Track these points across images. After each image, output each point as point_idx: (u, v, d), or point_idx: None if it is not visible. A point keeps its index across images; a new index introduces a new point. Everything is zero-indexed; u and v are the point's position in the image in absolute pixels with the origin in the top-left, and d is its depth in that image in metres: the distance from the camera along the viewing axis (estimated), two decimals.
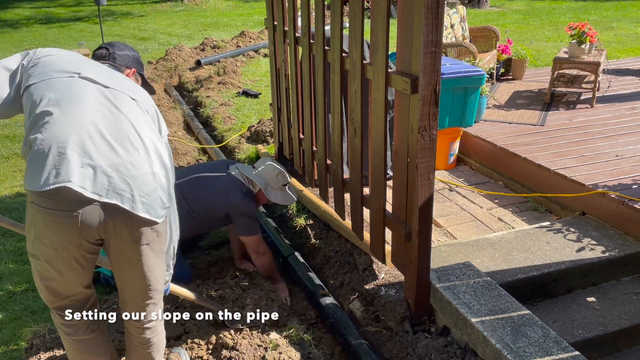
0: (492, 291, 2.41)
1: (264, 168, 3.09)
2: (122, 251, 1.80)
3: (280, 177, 3.08)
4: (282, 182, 3.08)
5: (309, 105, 3.41)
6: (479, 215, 3.50)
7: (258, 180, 3.02)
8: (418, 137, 2.17)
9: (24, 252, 3.51)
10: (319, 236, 3.37)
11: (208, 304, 2.57)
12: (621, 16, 12.67)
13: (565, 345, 2.08)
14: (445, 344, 2.35)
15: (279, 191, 3.09)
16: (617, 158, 3.70)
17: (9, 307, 2.98)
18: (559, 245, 2.95)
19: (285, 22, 3.70)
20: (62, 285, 1.83)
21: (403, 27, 2.18)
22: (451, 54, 5.33)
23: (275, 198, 3.08)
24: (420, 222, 2.33)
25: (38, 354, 2.41)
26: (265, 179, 3.05)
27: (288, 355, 2.37)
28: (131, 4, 17.32)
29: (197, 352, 2.42)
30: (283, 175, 3.09)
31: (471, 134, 4.25)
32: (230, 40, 9.71)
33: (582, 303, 2.71)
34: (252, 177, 3.03)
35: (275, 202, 3.11)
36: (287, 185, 3.12)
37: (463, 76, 3.92)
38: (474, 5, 14.65)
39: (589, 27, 4.94)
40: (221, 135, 5.52)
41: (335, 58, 2.84)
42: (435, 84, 2.11)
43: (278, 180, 3.06)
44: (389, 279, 2.82)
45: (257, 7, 15.89)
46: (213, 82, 7.31)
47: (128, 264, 1.84)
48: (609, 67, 6.28)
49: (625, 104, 4.95)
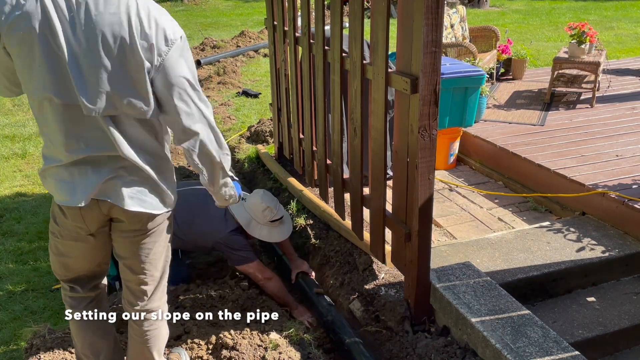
0: (492, 291, 2.41)
1: (251, 201, 2.87)
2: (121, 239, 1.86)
3: (268, 212, 2.86)
4: (269, 218, 2.88)
5: (309, 105, 3.41)
6: (479, 215, 3.50)
7: (240, 216, 2.83)
8: (418, 137, 2.17)
9: (24, 252, 3.52)
10: (319, 236, 3.37)
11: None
12: (621, 16, 12.67)
13: (565, 345, 2.07)
14: (445, 344, 2.35)
15: (266, 227, 2.89)
16: (617, 158, 3.70)
17: (9, 307, 2.98)
18: (559, 245, 2.95)
19: (285, 22, 3.70)
20: (73, 261, 1.91)
21: (403, 27, 2.18)
22: (451, 54, 5.33)
23: (259, 235, 2.88)
24: (420, 222, 2.33)
25: (38, 354, 2.41)
26: (251, 214, 2.86)
27: (288, 355, 2.37)
28: None
29: (197, 352, 2.42)
30: (271, 210, 2.87)
31: (471, 134, 4.25)
32: (230, 40, 9.71)
33: (582, 303, 2.71)
34: (233, 212, 2.84)
35: (260, 239, 2.92)
36: (278, 221, 2.92)
37: (463, 76, 3.92)
38: (474, 5, 14.65)
39: (589, 27, 4.94)
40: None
41: (335, 58, 2.84)
42: (435, 84, 2.11)
43: (265, 216, 2.86)
44: (389, 279, 2.82)
45: (257, 7, 15.89)
46: (213, 82, 7.31)
47: (125, 250, 1.89)
48: (609, 67, 6.28)
49: (625, 104, 4.95)
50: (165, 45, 1.57)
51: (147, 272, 1.91)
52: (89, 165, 1.68)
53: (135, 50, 1.53)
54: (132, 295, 1.97)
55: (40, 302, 3.02)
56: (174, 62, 1.60)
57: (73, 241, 1.83)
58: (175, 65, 1.60)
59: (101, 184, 1.68)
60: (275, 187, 4.12)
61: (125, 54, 1.54)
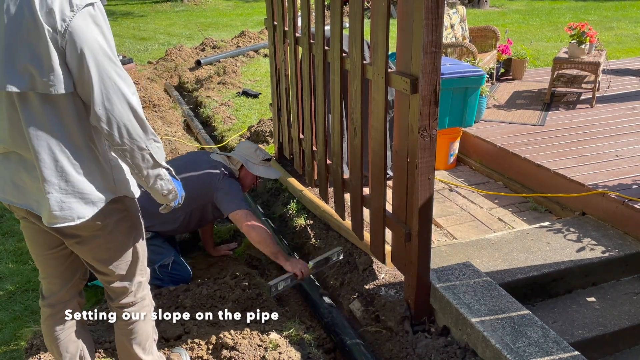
0: (492, 291, 2.41)
1: (240, 145, 3.17)
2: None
3: (259, 152, 3.12)
4: (262, 156, 3.12)
5: (309, 105, 3.41)
6: (479, 215, 3.50)
7: (238, 157, 3.06)
8: (418, 137, 2.17)
9: (24, 252, 3.52)
10: (319, 236, 3.37)
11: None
12: (621, 16, 12.67)
13: (565, 345, 2.08)
14: (445, 344, 2.35)
15: (262, 166, 3.11)
16: (617, 158, 3.70)
17: (9, 307, 2.98)
18: (559, 245, 2.95)
19: (285, 22, 3.70)
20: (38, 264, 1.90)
21: (403, 27, 2.18)
22: (451, 54, 5.33)
23: (259, 172, 3.10)
24: (420, 222, 2.33)
25: (38, 354, 2.41)
26: (245, 156, 3.08)
27: (288, 355, 2.37)
28: (131, 4, 17.33)
29: (197, 352, 2.42)
30: (261, 150, 3.14)
31: (471, 134, 4.25)
32: (230, 40, 9.72)
33: (582, 303, 2.71)
34: (231, 157, 3.07)
35: (260, 175, 3.13)
36: (269, 161, 3.15)
37: (463, 76, 3.92)
38: (474, 5, 14.66)
39: (589, 27, 4.94)
40: (221, 135, 5.52)
41: (335, 58, 2.84)
42: (435, 84, 2.11)
43: (257, 155, 3.11)
44: (389, 279, 2.82)
45: (257, 7, 15.90)
46: (213, 82, 7.31)
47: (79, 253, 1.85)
48: (609, 67, 6.28)
49: (625, 104, 4.95)
50: (70, 11, 1.45)
51: (112, 272, 1.85)
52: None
53: (34, 15, 1.43)
54: (109, 291, 1.95)
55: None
56: (83, 28, 1.46)
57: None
58: (85, 30, 1.46)
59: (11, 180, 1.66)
60: (275, 187, 4.12)
61: (24, 18, 1.44)
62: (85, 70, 1.48)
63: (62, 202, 1.61)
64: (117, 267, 1.85)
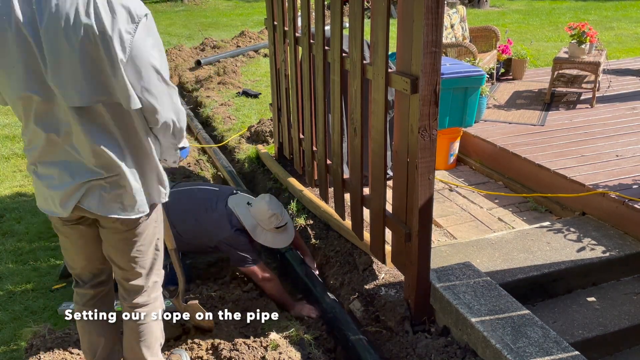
0: (492, 291, 2.41)
1: (258, 206, 2.85)
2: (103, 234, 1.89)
3: (274, 219, 2.83)
4: (275, 224, 2.86)
5: (309, 105, 3.41)
6: (479, 215, 3.50)
7: (246, 221, 2.82)
8: (418, 137, 2.17)
9: (24, 252, 3.52)
10: (319, 236, 3.37)
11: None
12: (621, 16, 12.67)
13: (565, 346, 2.08)
14: (445, 344, 2.35)
15: (271, 233, 2.87)
16: (617, 158, 3.70)
17: (9, 307, 2.98)
18: (559, 245, 2.95)
19: (285, 22, 3.70)
20: (70, 256, 1.97)
21: (403, 27, 2.18)
22: (451, 54, 5.33)
23: (265, 241, 2.87)
24: (420, 222, 2.33)
25: (38, 354, 2.41)
26: (257, 219, 2.84)
27: (288, 355, 2.37)
28: None
29: (197, 352, 2.42)
30: (277, 217, 2.84)
31: (471, 134, 4.25)
32: (230, 40, 9.71)
33: (582, 303, 2.71)
34: (240, 216, 2.82)
35: (264, 244, 2.91)
36: (282, 227, 2.90)
37: (463, 76, 3.92)
38: (474, 5, 14.65)
39: (589, 27, 4.94)
40: (221, 135, 5.51)
41: (335, 58, 2.84)
42: (435, 84, 2.11)
43: (271, 222, 2.84)
44: (389, 279, 2.82)
45: (257, 7, 15.90)
46: (213, 82, 7.31)
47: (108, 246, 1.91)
48: (609, 67, 6.28)
49: (625, 104, 4.95)
50: (132, 23, 1.50)
51: (133, 268, 1.92)
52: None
53: (98, 36, 1.47)
54: (123, 290, 2.01)
55: (40, 302, 3.01)
56: (142, 43, 1.52)
57: (64, 236, 1.90)
58: (143, 47, 1.52)
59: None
60: (275, 187, 4.12)
61: (89, 40, 1.47)
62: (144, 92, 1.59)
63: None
64: (139, 264, 1.92)
